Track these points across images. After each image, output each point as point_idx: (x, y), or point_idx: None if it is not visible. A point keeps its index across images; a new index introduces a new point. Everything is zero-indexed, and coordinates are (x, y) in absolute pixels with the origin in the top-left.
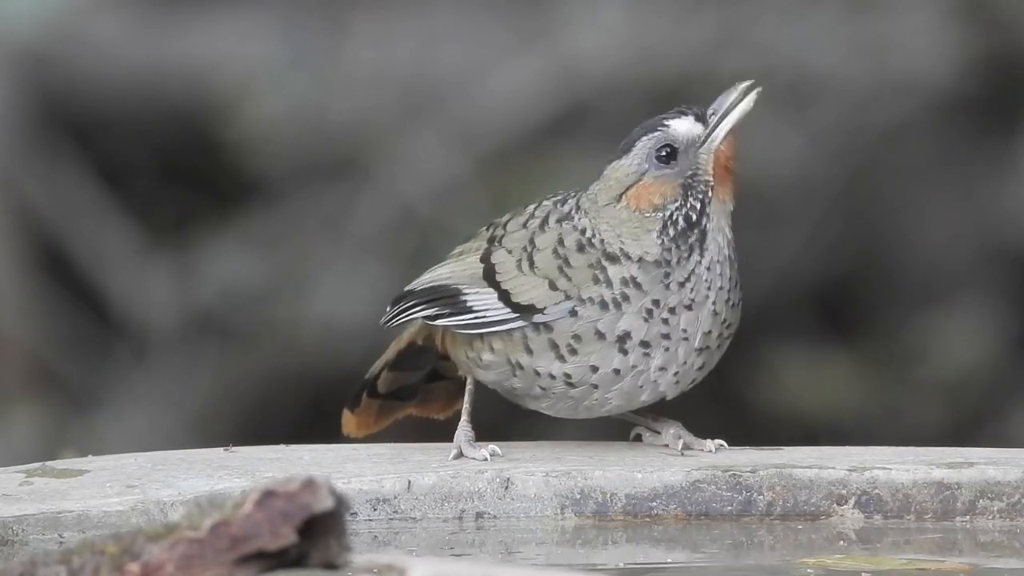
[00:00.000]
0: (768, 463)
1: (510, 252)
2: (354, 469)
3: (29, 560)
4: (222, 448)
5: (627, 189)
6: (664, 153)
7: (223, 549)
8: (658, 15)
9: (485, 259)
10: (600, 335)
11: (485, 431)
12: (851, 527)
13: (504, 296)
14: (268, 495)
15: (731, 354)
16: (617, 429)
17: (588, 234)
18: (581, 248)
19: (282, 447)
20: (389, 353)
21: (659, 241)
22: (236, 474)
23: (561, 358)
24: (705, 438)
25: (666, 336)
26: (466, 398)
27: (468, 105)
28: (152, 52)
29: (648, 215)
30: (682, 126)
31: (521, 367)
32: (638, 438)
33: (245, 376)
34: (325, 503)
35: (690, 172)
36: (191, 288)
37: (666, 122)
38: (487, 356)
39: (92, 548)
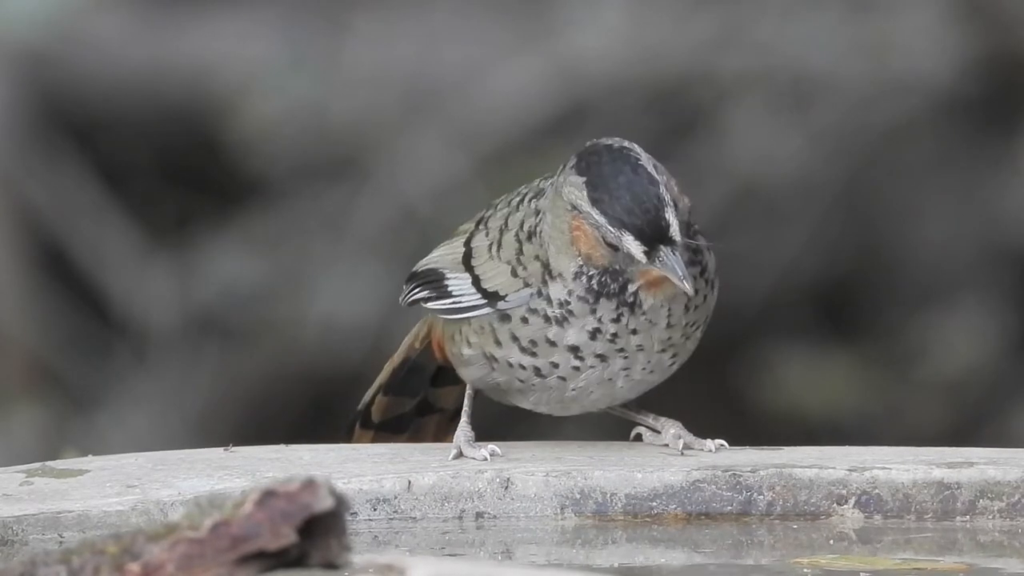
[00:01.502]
0: (768, 463)
1: (487, 235)
2: (354, 469)
3: (29, 560)
4: (222, 448)
5: (575, 214)
6: (609, 242)
7: (223, 549)
8: (658, 15)
9: (468, 242)
10: (551, 343)
11: (485, 431)
12: (851, 527)
13: (476, 281)
14: (268, 495)
15: (731, 354)
16: (617, 429)
17: (539, 222)
18: (530, 237)
19: (282, 447)
20: (384, 374)
21: (574, 280)
22: (236, 474)
23: (524, 351)
24: (705, 438)
25: (620, 350)
26: (466, 399)
27: (468, 105)
28: (152, 52)
29: (575, 251)
30: (630, 245)
31: (496, 360)
32: (638, 438)
33: (245, 376)
34: (325, 503)
35: (619, 267)
36: (191, 288)
37: (623, 233)
38: (466, 351)
39: (92, 548)
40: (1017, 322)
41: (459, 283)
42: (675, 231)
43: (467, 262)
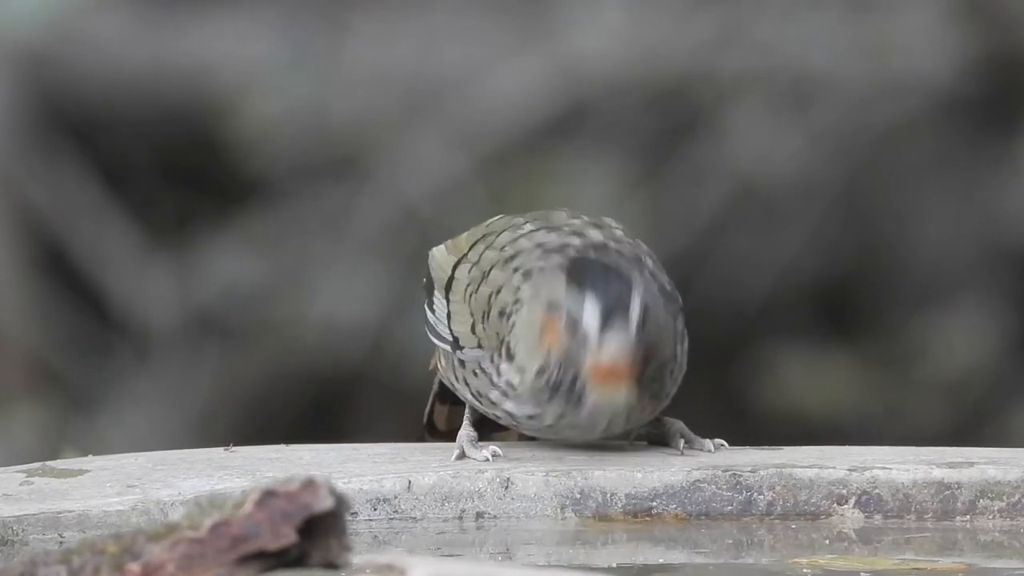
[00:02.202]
0: (768, 463)
1: (470, 270)
2: (354, 469)
3: (29, 560)
4: (222, 448)
5: (546, 312)
6: (568, 324)
7: (223, 549)
8: (658, 15)
9: (456, 267)
10: (493, 403)
11: (486, 431)
12: (851, 527)
13: (449, 316)
14: (268, 495)
15: (731, 354)
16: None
17: (513, 308)
18: (501, 315)
19: (282, 447)
20: (435, 385)
21: (534, 378)
22: (236, 474)
23: (475, 397)
24: (705, 438)
25: (570, 425)
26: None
27: (468, 105)
28: (153, 52)
29: (542, 349)
30: (589, 314)
31: (482, 395)
32: (639, 438)
33: (245, 376)
34: (325, 503)
35: (575, 360)
36: (191, 288)
37: (584, 299)
38: (440, 366)
39: (92, 548)
40: (1017, 322)
41: (439, 306)
42: (634, 314)
43: (447, 289)
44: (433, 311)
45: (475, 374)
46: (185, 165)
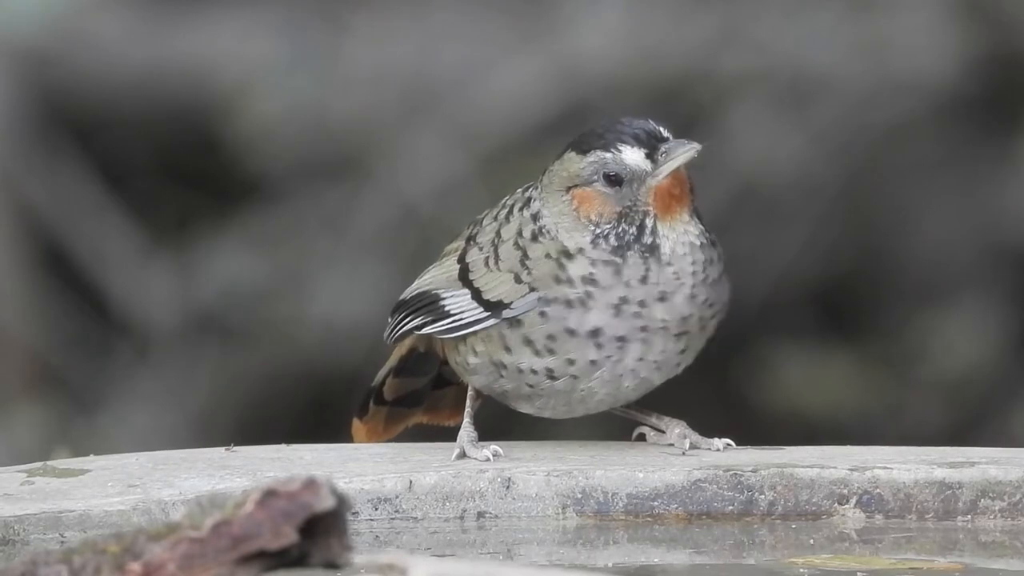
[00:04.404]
0: (769, 462)
1: (481, 249)
2: (355, 469)
3: (30, 559)
4: (223, 448)
5: (575, 186)
6: (611, 175)
7: (224, 548)
8: (658, 14)
9: (462, 259)
10: (571, 332)
11: (487, 431)
12: (852, 527)
13: (476, 295)
14: (269, 494)
15: (732, 353)
16: (618, 428)
17: (539, 221)
18: (535, 237)
19: (283, 447)
20: (392, 359)
21: (592, 247)
22: (237, 474)
23: (538, 353)
24: (709, 438)
25: (643, 328)
26: (468, 400)
27: (468, 104)
28: (153, 51)
29: (583, 221)
30: (631, 157)
31: (505, 367)
32: (641, 437)
33: (246, 375)
34: (326, 502)
35: (630, 202)
36: (192, 288)
37: (619, 147)
38: (472, 360)
39: (93, 547)
40: (1018, 321)
41: (458, 300)
42: (667, 132)
43: (464, 277)
44: (448, 313)
45: (543, 315)
46: (185, 165)
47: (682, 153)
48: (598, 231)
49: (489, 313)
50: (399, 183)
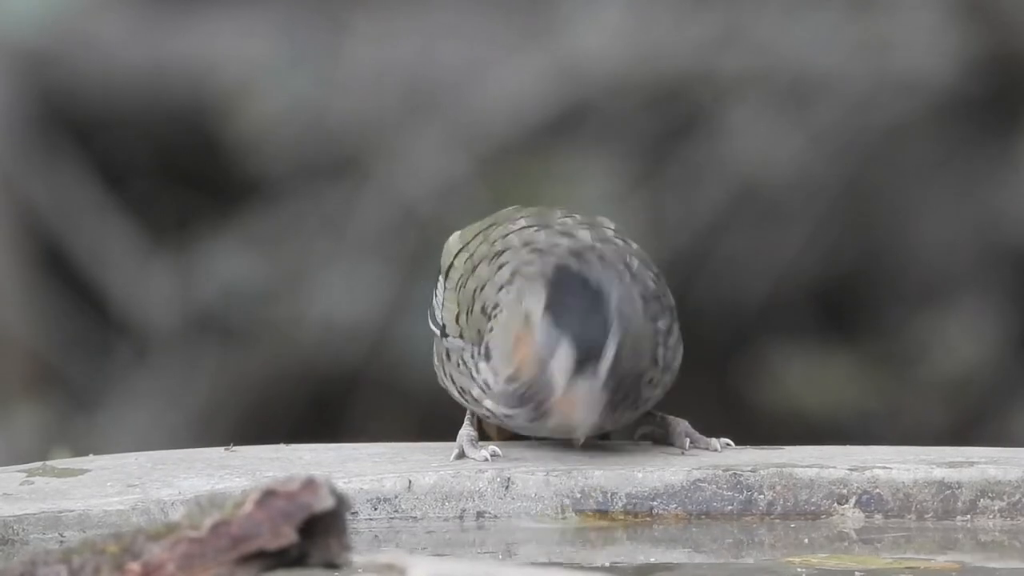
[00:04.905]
0: (769, 462)
1: (465, 262)
2: (355, 468)
3: (29, 559)
4: (222, 447)
5: (521, 329)
6: (542, 353)
7: (224, 548)
8: (659, 14)
9: (457, 255)
10: (476, 401)
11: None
12: (852, 526)
13: (442, 303)
14: (269, 494)
15: (732, 353)
16: (618, 428)
17: (496, 309)
18: (484, 311)
19: (282, 446)
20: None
21: (504, 384)
22: (237, 473)
23: (459, 393)
24: (709, 437)
25: (551, 425)
26: None
27: (468, 105)
28: (153, 52)
29: (513, 361)
30: (559, 364)
31: (453, 383)
32: (644, 437)
33: (245, 375)
34: (326, 502)
35: (542, 387)
36: (191, 287)
37: (559, 345)
38: (438, 363)
39: (93, 547)
40: (1017, 321)
41: (439, 292)
42: (604, 368)
43: (446, 276)
44: (435, 295)
45: (458, 366)
46: (185, 165)
47: (579, 413)
48: (513, 378)
49: (441, 328)
50: (399, 183)
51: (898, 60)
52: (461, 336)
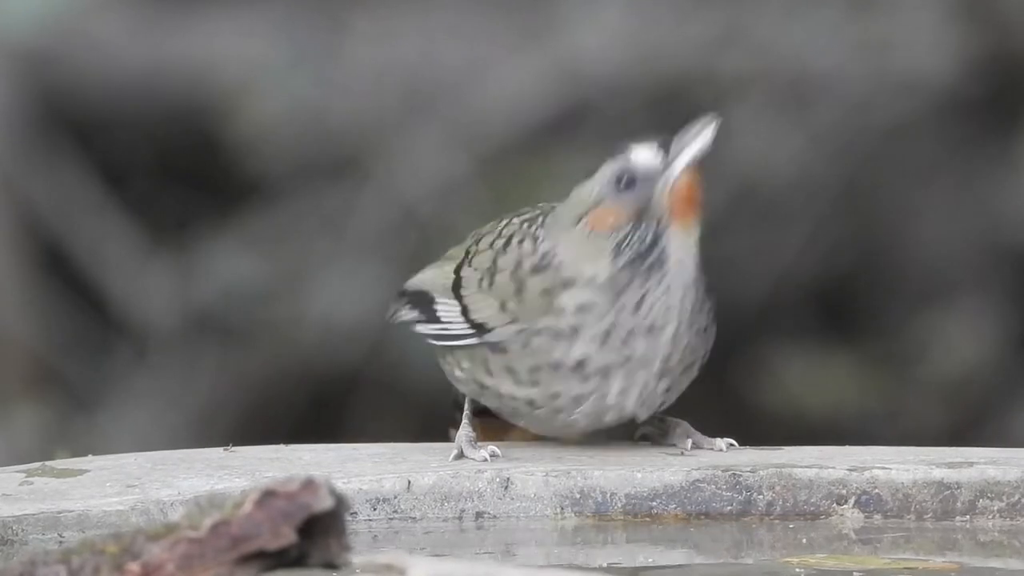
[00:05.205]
0: (768, 463)
1: (476, 270)
2: (354, 469)
3: (29, 560)
4: (222, 448)
5: (587, 211)
6: (624, 179)
7: (223, 549)
8: (659, 14)
9: (458, 270)
10: (556, 365)
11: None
12: (851, 527)
13: (464, 311)
14: (268, 495)
15: (732, 354)
16: (618, 429)
17: (546, 258)
18: (536, 270)
19: (282, 447)
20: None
21: (611, 263)
22: (236, 474)
23: (520, 383)
24: (710, 437)
25: (627, 359)
26: (467, 400)
27: (468, 105)
28: (152, 51)
29: (603, 238)
30: (642, 155)
31: (486, 388)
32: (643, 438)
33: (245, 376)
34: (325, 503)
35: (646, 201)
36: (191, 288)
37: (629, 148)
38: (458, 372)
39: (92, 548)
40: (1017, 322)
41: (447, 310)
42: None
43: (456, 290)
44: (438, 318)
45: (525, 345)
46: (185, 165)
47: (697, 136)
48: (619, 237)
49: (473, 332)
50: (399, 183)
51: (898, 60)
52: (513, 320)
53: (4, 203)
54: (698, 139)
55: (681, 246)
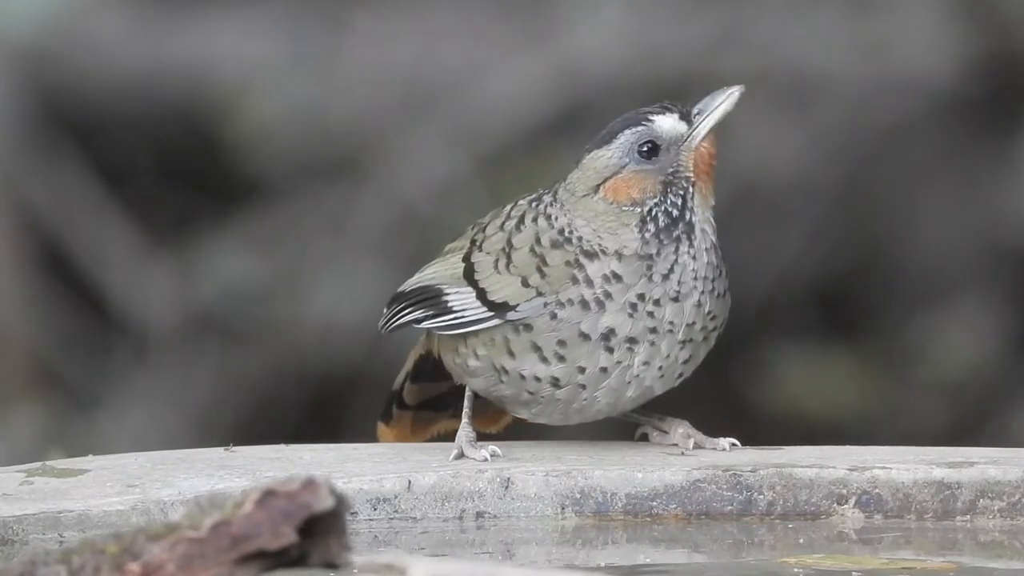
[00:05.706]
0: (768, 462)
1: (488, 254)
2: (354, 469)
3: (29, 560)
4: (222, 448)
5: (605, 180)
6: (646, 148)
7: (224, 548)
8: (659, 14)
9: (467, 258)
10: (584, 336)
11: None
12: (851, 527)
13: (481, 294)
14: (269, 495)
15: (732, 353)
16: (618, 429)
17: (565, 231)
18: (557, 245)
19: (282, 447)
20: (408, 364)
21: (639, 235)
22: (236, 474)
23: (545, 360)
24: (711, 437)
25: (652, 330)
26: (466, 400)
27: (468, 105)
28: (152, 52)
29: (626, 209)
30: (666, 123)
31: (506, 372)
32: (643, 438)
33: (245, 376)
34: (325, 502)
35: (671, 169)
36: (191, 288)
37: (651, 117)
38: (473, 362)
39: (92, 547)
40: (1017, 321)
41: (461, 297)
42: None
43: (470, 276)
44: (450, 309)
45: (553, 316)
46: (185, 165)
47: (721, 103)
48: (645, 209)
49: (493, 313)
50: (399, 183)
51: (898, 60)
52: (539, 293)
53: (4, 203)
54: (722, 106)
55: (703, 213)
